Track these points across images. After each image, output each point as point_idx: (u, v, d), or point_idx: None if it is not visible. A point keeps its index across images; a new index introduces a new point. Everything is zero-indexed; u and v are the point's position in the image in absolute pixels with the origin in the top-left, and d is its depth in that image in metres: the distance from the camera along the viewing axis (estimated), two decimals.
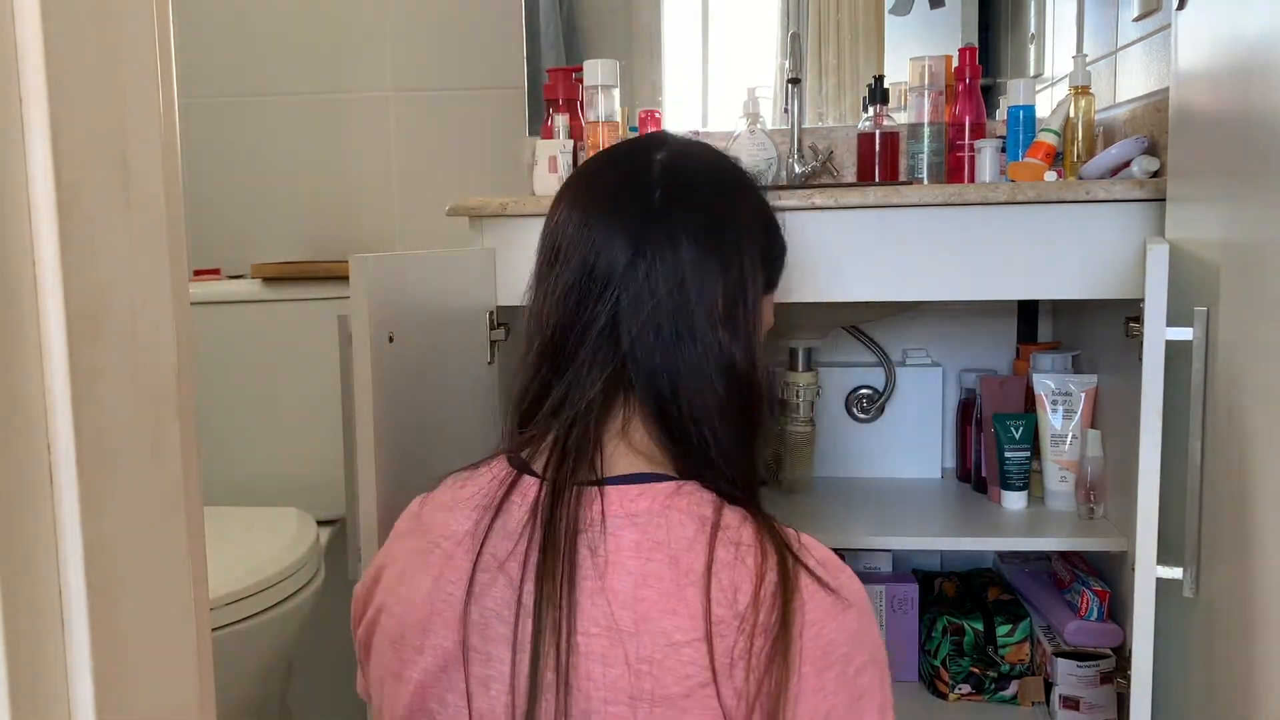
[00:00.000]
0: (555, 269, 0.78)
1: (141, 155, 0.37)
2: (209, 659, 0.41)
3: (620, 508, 0.72)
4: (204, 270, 1.92)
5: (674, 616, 0.67)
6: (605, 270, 0.75)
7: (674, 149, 0.82)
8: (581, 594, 0.69)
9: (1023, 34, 1.76)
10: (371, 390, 0.98)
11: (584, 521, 0.72)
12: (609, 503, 0.72)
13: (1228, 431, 0.94)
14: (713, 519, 0.72)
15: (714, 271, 0.76)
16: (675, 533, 0.71)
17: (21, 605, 0.31)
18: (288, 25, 1.93)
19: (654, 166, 0.79)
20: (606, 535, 0.71)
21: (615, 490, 0.73)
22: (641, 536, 0.70)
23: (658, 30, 1.82)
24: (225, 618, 1.36)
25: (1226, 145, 0.97)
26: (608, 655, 0.68)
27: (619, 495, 0.72)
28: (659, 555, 0.70)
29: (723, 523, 0.72)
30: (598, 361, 0.75)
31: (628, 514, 0.71)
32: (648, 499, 0.72)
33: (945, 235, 1.27)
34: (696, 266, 0.75)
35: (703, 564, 0.69)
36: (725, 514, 0.72)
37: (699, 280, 0.75)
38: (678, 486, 0.73)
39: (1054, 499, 1.51)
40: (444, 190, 1.53)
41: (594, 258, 0.75)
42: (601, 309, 0.75)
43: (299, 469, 1.81)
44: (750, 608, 0.68)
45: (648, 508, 0.72)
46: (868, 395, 1.72)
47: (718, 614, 0.67)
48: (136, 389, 0.37)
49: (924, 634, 1.61)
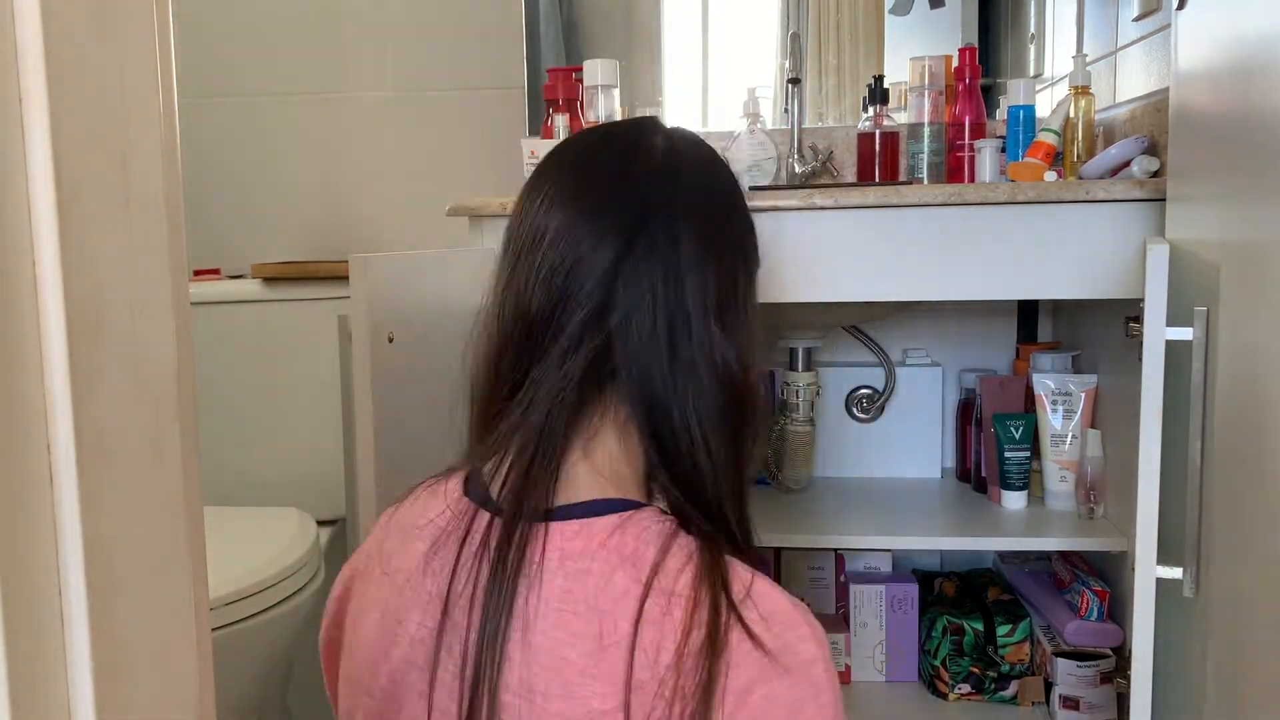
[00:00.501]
0: (536, 259, 0.71)
1: (141, 155, 0.37)
2: (209, 659, 0.41)
3: (556, 546, 0.65)
4: (204, 270, 1.92)
5: (594, 681, 0.61)
6: (594, 264, 0.69)
7: (670, 137, 0.77)
8: (510, 647, 0.63)
9: (1023, 34, 1.76)
10: (371, 390, 0.98)
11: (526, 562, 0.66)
12: (549, 541, 0.66)
13: (1228, 431, 0.94)
14: (654, 560, 0.64)
15: (711, 267, 0.71)
16: (604, 582, 0.63)
17: (21, 605, 0.31)
18: (287, 25, 1.93)
19: (653, 155, 0.75)
20: (541, 581, 0.65)
21: (557, 527, 0.66)
22: (570, 585, 0.64)
23: (658, 30, 1.82)
24: (225, 618, 1.36)
25: (1226, 145, 0.97)
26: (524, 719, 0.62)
27: (559, 532, 0.66)
28: (583, 609, 0.63)
29: (664, 566, 0.64)
30: (576, 356, 0.69)
31: (561, 557, 0.65)
32: (583, 539, 0.65)
33: (945, 235, 1.27)
34: (695, 261, 0.71)
35: (630, 620, 0.61)
36: (671, 554, 0.65)
37: (697, 275, 0.71)
38: (624, 520, 0.66)
39: (1054, 499, 1.51)
40: (444, 190, 1.53)
41: (581, 251, 0.69)
42: (586, 306, 0.69)
43: (299, 469, 1.81)
44: (671, 669, 0.60)
45: (581, 549, 0.65)
46: (868, 395, 1.72)
47: (639, 678, 0.60)
48: (136, 389, 0.37)
49: (924, 634, 1.61)
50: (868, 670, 1.62)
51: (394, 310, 1.04)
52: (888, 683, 1.61)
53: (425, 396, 1.12)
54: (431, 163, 1.93)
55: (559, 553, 0.65)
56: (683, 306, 0.70)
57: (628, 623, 0.61)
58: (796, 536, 1.44)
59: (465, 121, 1.91)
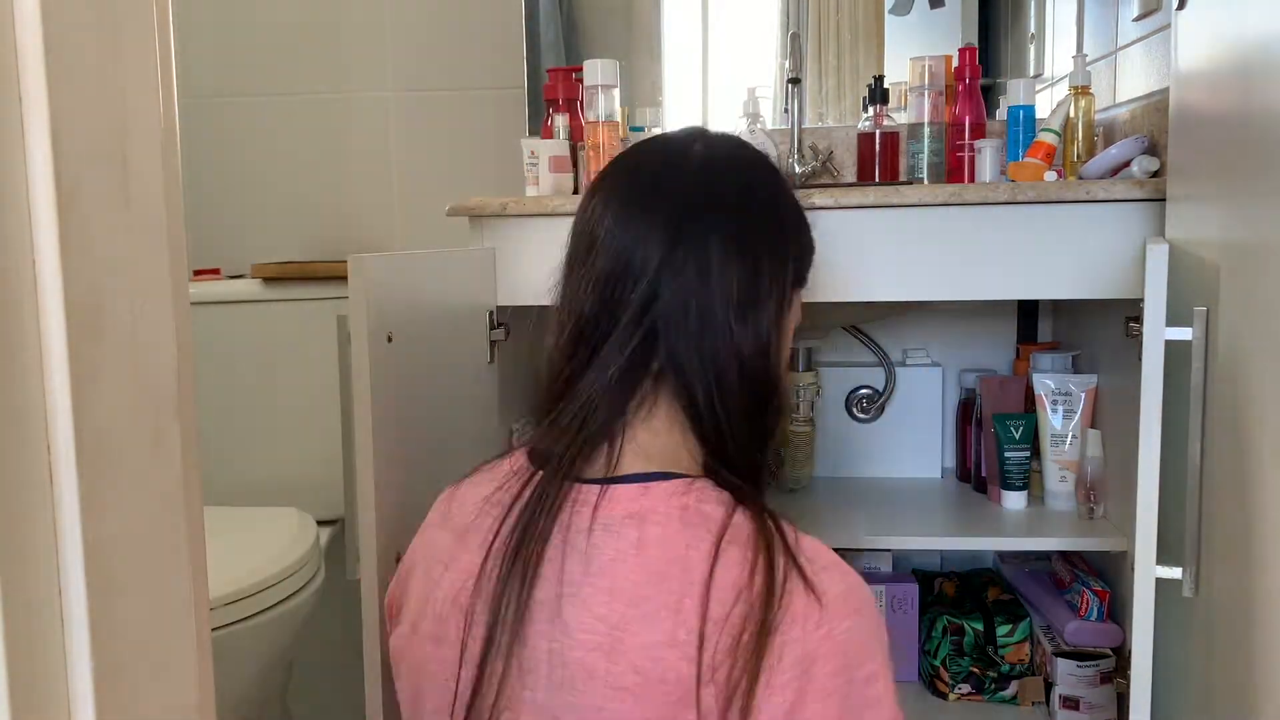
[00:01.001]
0: (590, 258, 0.78)
1: (141, 155, 0.37)
2: (209, 659, 0.41)
3: (622, 506, 0.72)
4: (204, 270, 1.92)
5: (669, 619, 0.68)
6: (640, 262, 0.76)
7: (710, 144, 0.83)
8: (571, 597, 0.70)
9: (1023, 34, 1.76)
10: (371, 390, 0.98)
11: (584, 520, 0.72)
12: (615, 501, 0.73)
13: (1228, 431, 0.94)
14: (721, 517, 0.72)
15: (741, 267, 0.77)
16: (679, 530, 0.71)
17: (21, 605, 0.31)
18: (287, 25, 1.93)
19: (691, 161, 0.81)
20: (610, 534, 0.71)
21: (620, 490, 0.73)
22: (642, 533, 0.71)
23: (658, 30, 1.82)
24: (225, 618, 1.36)
25: (1226, 145, 0.97)
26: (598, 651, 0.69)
27: (623, 494, 0.73)
28: (656, 555, 0.70)
29: (732, 522, 0.72)
30: (625, 350, 0.76)
31: (626, 514, 0.72)
32: (650, 498, 0.73)
33: (945, 235, 1.27)
34: (725, 263, 0.76)
35: (702, 570, 0.69)
36: (736, 514, 0.73)
37: (726, 276, 0.76)
38: (689, 484, 0.74)
39: (1054, 499, 1.51)
40: (444, 190, 1.53)
41: (629, 249, 0.76)
42: (634, 299, 0.75)
43: (299, 469, 1.81)
44: (737, 610, 0.68)
45: (650, 507, 0.72)
46: (868, 395, 1.72)
47: (712, 617, 0.67)
48: (136, 389, 0.37)
49: (924, 634, 1.61)
50: None
51: (393, 310, 1.04)
52: None
53: (425, 396, 1.12)
54: (431, 163, 1.93)
55: (626, 511, 0.72)
56: (709, 303, 0.76)
57: (701, 572, 0.69)
58: None
59: (465, 121, 1.91)
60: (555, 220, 1.31)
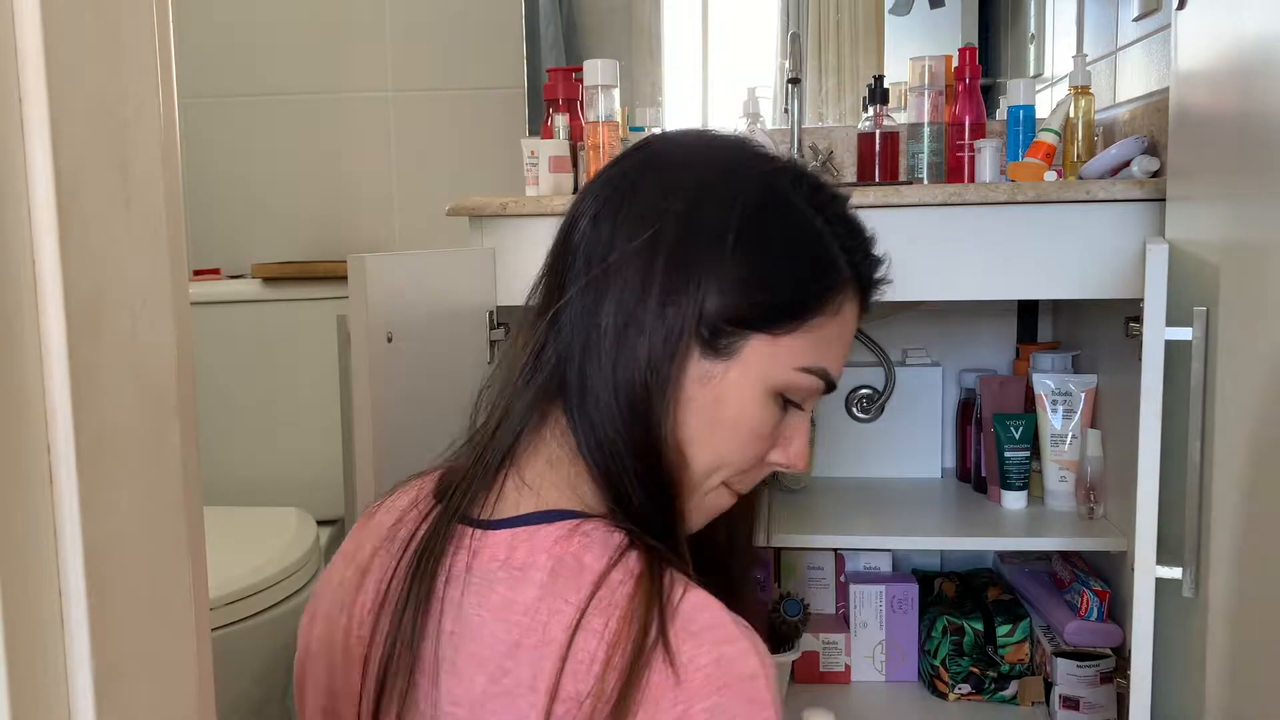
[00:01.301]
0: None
1: (141, 155, 0.37)
2: (209, 659, 0.41)
3: (497, 555, 0.65)
4: (204, 270, 1.92)
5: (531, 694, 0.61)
6: (560, 269, 0.70)
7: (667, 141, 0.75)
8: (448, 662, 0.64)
9: (1023, 34, 1.76)
10: (370, 390, 0.98)
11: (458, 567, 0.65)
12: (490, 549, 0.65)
13: (1228, 431, 0.94)
14: (599, 571, 0.62)
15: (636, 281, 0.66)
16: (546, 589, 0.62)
17: (21, 605, 0.31)
18: (287, 25, 1.94)
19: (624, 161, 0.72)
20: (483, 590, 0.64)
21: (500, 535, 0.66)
22: (512, 593, 0.63)
23: (658, 30, 1.82)
24: (225, 618, 1.36)
25: (1226, 145, 0.97)
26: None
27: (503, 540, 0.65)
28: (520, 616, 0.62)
29: (608, 578, 0.62)
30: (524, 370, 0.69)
31: (503, 564, 0.64)
32: (527, 548, 0.64)
33: (945, 235, 1.27)
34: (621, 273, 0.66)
35: (566, 629, 0.60)
36: (617, 566, 0.63)
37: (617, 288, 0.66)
38: (574, 527, 0.65)
39: (1054, 499, 1.51)
40: (444, 190, 1.53)
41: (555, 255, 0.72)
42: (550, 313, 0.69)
43: (299, 469, 1.81)
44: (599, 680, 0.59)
45: (524, 558, 0.64)
46: (868, 395, 1.72)
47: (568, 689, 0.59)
48: (136, 389, 0.37)
49: (924, 634, 1.61)
50: (867, 670, 1.62)
51: (393, 310, 1.04)
52: (887, 683, 1.61)
53: (424, 396, 1.12)
54: (431, 163, 1.93)
55: (500, 561, 0.64)
56: (598, 321, 0.67)
57: (563, 631, 0.60)
58: (796, 536, 1.44)
59: (465, 121, 1.91)
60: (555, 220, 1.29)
